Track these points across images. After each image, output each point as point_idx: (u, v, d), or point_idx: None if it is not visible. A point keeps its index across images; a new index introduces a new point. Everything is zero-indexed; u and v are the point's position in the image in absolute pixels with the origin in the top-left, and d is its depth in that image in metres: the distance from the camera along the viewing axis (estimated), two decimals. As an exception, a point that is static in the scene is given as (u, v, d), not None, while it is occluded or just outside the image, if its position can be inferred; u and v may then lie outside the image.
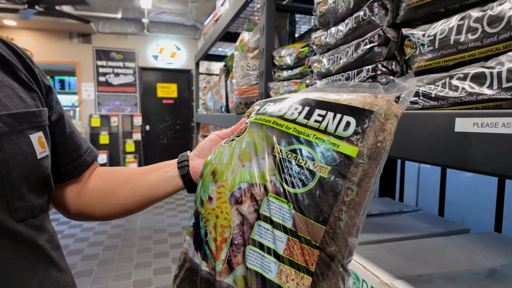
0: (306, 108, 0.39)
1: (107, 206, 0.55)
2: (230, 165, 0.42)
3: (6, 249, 0.40)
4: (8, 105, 0.42)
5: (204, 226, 0.42)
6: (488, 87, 0.36)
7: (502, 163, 0.33)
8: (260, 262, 0.34)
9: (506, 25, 0.35)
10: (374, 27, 0.55)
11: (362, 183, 0.32)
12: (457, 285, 0.53)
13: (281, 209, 0.34)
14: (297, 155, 0.36)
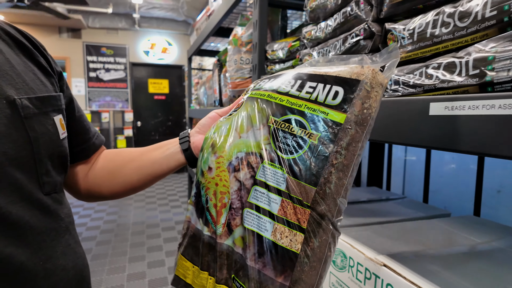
0: (299, 81, 0.43)
1: (114, 184, 0.59)
2: (228, 137, 0.45)
3: (39, 219, 0.43)
4: (34, 89, 0.45)
5: (205, 194, 0.45)
6: (457, 74, 0.40)
7: (469, 141, 0.37)
8: (256, 222, 0.38)
9: (474, 20, 0.39)
10: (360, 21, 0.59)
11: (350, 147, 0.36)
12: (435, 260, 0.58)
13: (275, 174, 0.38)
14: (290, 124, 0.39)
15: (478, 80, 0.37)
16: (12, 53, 0.47)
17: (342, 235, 0.68)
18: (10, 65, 0.44)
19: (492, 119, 0.34)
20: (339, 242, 0.65)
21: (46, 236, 0.44)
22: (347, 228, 0.74)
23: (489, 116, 0.34)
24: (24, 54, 0.49)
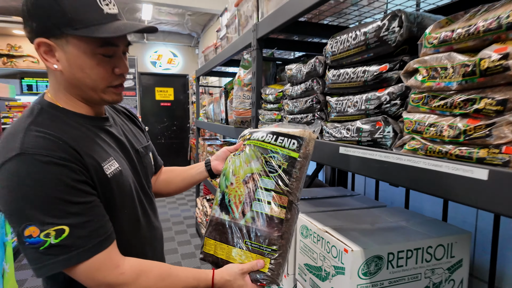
0: (275, 136, 0.85)
1: (169, 188, 1.03)
2: (240, 167, 0.88)
3: (150, 204, 0.86)
4: (141, 142, 0.89)
5: (228, 198, 0.88)
6: (350, 134, 0.83)
7: (353, 165, 0.80)
8: (259, 206, 0.81)
9: (357, 108, 0.82)
10: (314, 92, 1.02)
11: (301, 169, 0.79)
12: (356, 230, 1.00)
13: (267, 182, 0.80)
14: (272, 158, 0.82)
15: (356, 138, 0.81)
16: (129, 122, 0.90)
17: (307, 216, 1.10)
18: (131, 130, 0.88)
19: (358, 158, 0.77)
20: (306, 220, 1.07)
21: (153, 217, 0.87)
22: (312, 213, 1.17)
23: (358, 156, 0.78)
24: (132, 122, 0.92)
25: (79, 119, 0.73)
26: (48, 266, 0.62)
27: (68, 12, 0.64)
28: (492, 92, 0.51)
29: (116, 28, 0.67)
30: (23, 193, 0.60)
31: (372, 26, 0.76)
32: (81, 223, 0.63)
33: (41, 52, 0.67)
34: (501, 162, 0.49)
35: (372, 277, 0.86)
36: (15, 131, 0.65)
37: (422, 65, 0.63)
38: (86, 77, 0.69)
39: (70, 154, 0.64)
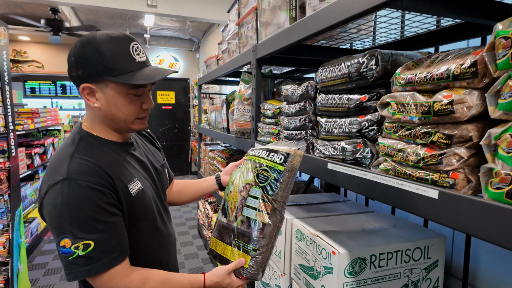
0: (267, 152, 0.98)
1: (182, 198, 1.16)
2: (238, 178, 1.01)
3: (166, 214, 0.99)
4: (158, 160, 1.02)
5: (227, 204, 1.01)
6: (336, 153, 0.96)
7: (338, 179, 0.93)
8: (247, 212, 0.94)
9: (342, 130, 0.95)
10: (306, 112, 1.15)
11: (286, 180, 0.91)
12: (345, 234, 1.13)
13: (256, 191, 0.94)
14: (263, 170, 0.95)
15: (341, 156, 0.94)
16: (148, 143, 1.04)
17: (301, 221, 1.23)
18: (150, 151, 1.01)
19: (343, 174, 0.90)
20: (301, 225, 1.20)
21: (169, 224, 1.00)
22: (306, 218, 1.30)
23: (342, 172, 0.91)
24: (150, 143, 1.06)
25: (110, 145, 0.86)
26: (74, 273, 0.75)
27: (108, 63, 0.78)
28: (443, 128, 0.64)
29: (147, 75, 0.81)
30: (64, 211, 0.73)
31: (354, 62, 0.89)
32: (104, 239, 0.76)
33: (84, 93, 0.82)
34: (448, 184, 0.62)
35: (357, 276, 0.99)
36: (62, 158, 0.79)
37: (393, 100, 0.77)
38: (120, 112, 0.83)
39: (104, 179, 0.78)
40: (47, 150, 3.52)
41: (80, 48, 0.79)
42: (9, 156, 2.22)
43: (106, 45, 0.78)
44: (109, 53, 0.78)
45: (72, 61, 0.80)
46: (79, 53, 0.79)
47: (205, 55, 6.07)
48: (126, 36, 0.83)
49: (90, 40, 0.78)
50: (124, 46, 0.81)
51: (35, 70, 5.79)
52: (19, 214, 2.33)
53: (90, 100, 0.82)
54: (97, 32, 0.81)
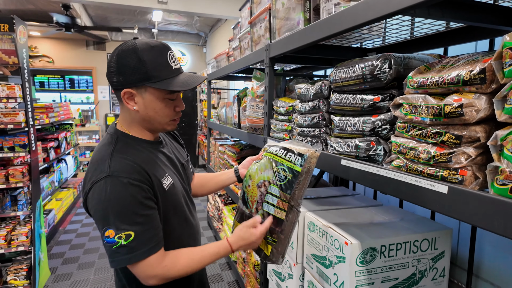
0: (284, 151, 1.04)
1: (203, 190, 1.24)
2: (256, 173, 1.08)
3: (192, 205, 1.06)
4: (184, 156, 1.09)
5: (247, 196, 1.08)
6: (350, 150, 1.02)
7: (351, 174, 1.00)
8: (267, 207, 1.01)
9: (356, 128, 1.01)
10: (320, 111, 1.21)
11: (302, 181, 0.97)
12: (355, 226, 1.20)
13: (275, 189, 1.00)
14: (281, 169, 1.02)
15: (355, 153, 1.00)
16: (174, 141, 1.11)
17: (313, 214, 1.30)
18: (176, 148, 1.08)
19: (356, 170, 0.96)
20: (313, 218, 1.27)
21: (193, 209, 1.07)
22: (318, 211, 1.37)
23: (356, 168, 0.97)
24: (175, 140, 1.13)
25: (144, 144, 0.94)
26: (116, 261, 0.83)
27: (149, 70, 0.85)
28: (452, 129, 0.70)
29: (183, 82, 0.89)
30: (108, 205, 0.80)
31: (368, 64, 0.94)
32: (143, 231, 0.83)
33: (124, 98, 0.88)
34: (457, 180, 0.68)
35: (368, 265, 1.06)
36: (103, 157, 0.86)
37: (405, 101, 0.82)
38: (156, 115, 0.91)
39: (142, 175, 0.85)
40: (60, 143, 3.62)
41: (123, 56, 0.85)
42: (30, 150, 2.31)
43: (147, 54, 0.84)
44: (150, 62, 0.84)
45: (114, 68, 0.86)
46: (121, 61, 0.85)
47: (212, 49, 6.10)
48: (163, 45, 0.89)
49: (132, 50, 0.85)
50: (162, 54, 0.87)
51: (45, 65, 5.88)
52: (39, 205, 2.43)
53: (129, 104, 0.89)
54: (136, 40, 0.87)
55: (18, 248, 2.24)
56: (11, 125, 2.26)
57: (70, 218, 4.17)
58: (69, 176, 4.26)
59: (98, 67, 6.01)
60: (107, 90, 6.12)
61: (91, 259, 3.08)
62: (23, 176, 2.25)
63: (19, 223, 2.39)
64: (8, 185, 2.24)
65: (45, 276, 2.55)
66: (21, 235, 2.25)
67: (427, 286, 1.17)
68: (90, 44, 5.93)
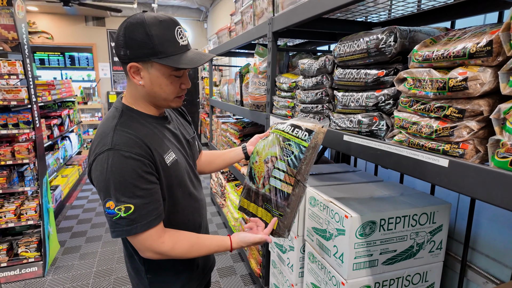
0: (292, 127, 1.04)
1: (211, 167, 1.26)
2: (263, 149, 1.09)
3: (197, 181, 1.08)
4: (189, 133, 1.09)
5: (254, 172, 1.10)
6: (353, 125, 1.03)
7: (353, 150, 1.01)
8: (274, 182, 1.02)
9: (359, 104, 1.01)
10: (323, 86, 1.20)
11: (309, 156, 0.99)
12: (355, 200, 1.22)
13: (282, 164, 1.02)
14: (288, 145, 1.03)
15: (357, 129, 1.00)
16: (180, 117, 1.11)
17: (314, 189, 1.32)
18: (182, 124, 1.08)
19: (358, 145, 0.97)
20: (314, 192, 1.29)
21: (198, 185, 1.09)
22: (319, 186, 1.39)
23: (358, 143, 0.97)
24: (182, 116, 1.13)
25: (149, 119, 0.94)
26: (116, 232, 0.85)
27: (156, 45, 0.83)
28: (456, 103, 0.70)
29: (191, 59, 0.87)
30: (109, 177, 0.82)
31: (373, 38, 0.93)
32: (143, 204, 0.85)
33: (130, 72, 0.88)
34: (458, 154, 0.69)
35: (367, 237, 1.09)
36: (107, 130, 0.87)
37: (409, 76, 0.81)
38: (162, 92, 0.90)
39: (144, 150, 0.85)
40: (64, 121, 3.63)
41: (130, 29, 0.83)
42: (34, 127, 2.33)
43: (155, 29, 0.83)
44: (157, 37, 0.83)
45: (121, 41, 0.85)
46: (129, 34, 0.83)
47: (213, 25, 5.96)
48: (172, 20, 0.87)
49: (140, 23, 0.83)
50: (170, 30, 0.85)
51: (44, 42, 5.79)
52: (46, 181, 2.47)
53: (135, 78, 0.88)
54: (145, 14, 0.86)
55: (27, 222, 2.31)
56: (14, 101, 2.26)
57: (76, 194, 4.26)
58: (73, 153, 4.31)
59: (98, 43, 5.91)
60: (108, 67, 6.05)
61: (99, 233, 3.18)
62: (28, 152, 2.28)
63: (27, 198, 2.45)
64: (14, 161, 2.27)
65: (54, 249, 2.65)
66: (29, 209, 2.31)
67: (424, 258, 1.20)
68: (89, 20, 5.80)
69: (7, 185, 2.31)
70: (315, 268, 1.31)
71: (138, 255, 0.97)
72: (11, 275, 2.33)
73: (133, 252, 0.99)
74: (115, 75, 6.12)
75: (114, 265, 2.62)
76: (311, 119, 1.05)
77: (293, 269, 1.48)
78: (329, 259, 1.19)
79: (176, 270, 1.03)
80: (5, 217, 2.28)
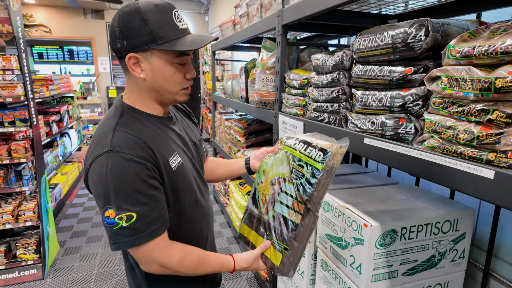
0: (304, 145, 0.91)
1: (212, 177, 1.17)
2: (270, 168, 0.98)
3: (203, 184, 0.99)
4: (196, 135, 1.01)
5: (258, 194, 0.99)
6: (375, 127, 0.94)
7: (374, 154, 0.92)
8: (280, 208, 0.92)
9: (382, 104, 0.92)
10: (340, 84, 1.11)
11: (322, 180, 0.85)
12: (375, 207, 1.14)
13: (290, 188, 0.91)
14: (298, 166, 0.91)
15: (380, 131, 0.91)
16: (186, 118, 1.02)
17: (328, 193, 1.24)
18: (188, 126, 1.00)
19: (382, 149, 0.89)
20: (328, 197, 1.21)
21: (205, 191, 1.01)
22: (332, 190, 1.31)
23: (381, 148, 0.89)
24: (188, 118, 1.04)
25: (152, 119, 0.86)
26: (117, 243, 0.77)
27: (154, 31, 0.75)
28: (503, 106, 0.61)
29: (191, 41, 0.79)
30: (108, 183, 0.74)
31: (400, 31, 0.84)
32: (146, 212, 0.77)
33: (130, 64, 0.79)
34: (506, 165, 0.61)
35: (387, 247, 1.01)
36: (106, 130, 0.79)
37: (444, 74, 0.73)
38: (166, 83, 0.82)
39: (146, 152, 0.77)
40: (63, 117, 3.54)
41: (125, 18, 0.76)
42: (31, 124, 2.24)
43: (151, 14, 0.76)
44: (155, 21, 0.76)
45: (117, 32, 0.77)
46: (124, 23, 0.76)
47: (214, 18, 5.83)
48: (168, 3, 0.80)
49: (135, 10, 0.75)
50: (168, 13, 0.78)
51: (42, 35, 5.67)
52: (44, 180, 2.40)
53: (135, 71, 0.80)
54: (138, 1, 0.78)
55: (26, 223, 2.24)
56: (9, 98, 2.18)
57: (76, 192, 4.19)
58: (73, 150, 4.23)
59: (97, 37, 5.79)
60: (107, 61, 5.93)
61: (100, 232, 3.11)
62: (26, 151, 2.20)
63: (25, 198, 2.38)
64: (11, 161, 2.19)
65: (54, 250, 2.58)
66: (28, 210, 2.24)
67: (446, 267, 1.13)
68: (88, 13, 5.67)
69: (4, 185, 2.23)
70: (329, 277, 1.24)
71: (139, 267, 0.90)
72: (9, 277, 2.27)
73: (134, 264, 0.92)
74: (115, 70, 6.01)
75: (116, 267, 2.56)
76: (327, 137, 0.91)
77: (303, 276, 1.41)
78: (345, 269, 1.12)
79: (181, 285, 0.95)
80: (2, 218, 2.21)
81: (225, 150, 2.94)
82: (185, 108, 1.10)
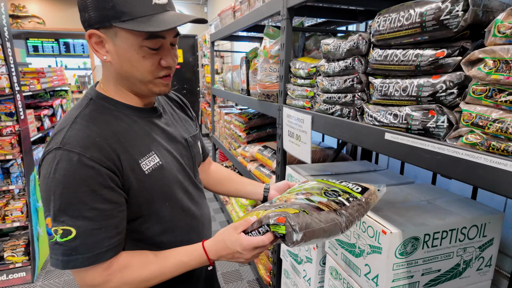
0: (338, 180, 0.87)
1: (220, 189, 1.05)
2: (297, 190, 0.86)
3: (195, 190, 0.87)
4: (190, 131, 0.88)
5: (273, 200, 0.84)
6: (398, 121, 0.81)
7: (395, 151, 0.80)
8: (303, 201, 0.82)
9: (407, 93, 0.79)
10: (355, 71, 0.98)
11: (357, 208, 0.75)
12: (393, 211, 1.02)
13: (319, 198, 0.81)
14: (333, 191, 0.81)
15: (405, 125, 0.79)
16: (179, 110, 0.89)
17: (339, 195, 1.12)
18: (180, 119, 0.87)
19: (407, 146, 0.77)
20: (337, 199, 1.09)
21: (198, 197, 0.89)
22: (343, 191, 1.19)
23: (407, 144, 0.77)
24: (182, 110, 0.91)
25: (127, 110, 0.73)
26: (52, 260, 0.64)
27: (117, 3, 0.62)
28: None
29: (163, 21, 0.64)
30: (50, 186, 0.62)
31: (431, 7, 0.71)
32: (89, 229, 0.63)
33: (91, 42, 0.67)
34: None
35: (408, 256, 0.90)
36: (65, 123, 0.67)
37: (489, 56, 0.60)
38: (134, 70, 0.69)
39: (105, 153, 0.64)
40: (56, 111, 3.41)
41: None
42: (18, 119, 2.11)
43: None
44: None
45: (80, 3, 0.66)
46: None
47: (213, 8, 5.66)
48: None
49: None
50: None
51: (36, 27, 5.50)
52: (33, 178, 2.28)
53: (98, 52, 0.68)
54: None
55: (13, 224, 2.12)
56: (-6, 91, 2.05)
57: (71, 188, 4.07)
58: (68, 145, 4.09)
59: (92, 29, 5.63)
60: (103, 54, 5.79)
61: (94, 230, 3.00)
62: (12, 147, 2.07)
63: (13, 197, 2.26)
64: (-3, 157, 2.07)
65: (45, 251, 2.47)
66: (15, 210, 2.11)
67: (471, 277, 1.01)
68: (82, 4, 5.49)
69: (-10, 183, 2.11)
70: (339, 286, 1.12)
71: None
72: (-2, 279, 2.16)
73: None
74: (111, 63, 5.88)
75: (111, 267, 2.45)
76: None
77: (310, 283, 1.30)
78: (359, 279, 1.00)
79: None
80: (-11, 218, 2.09)
81: (224, 146, 2.81)
82: (180, 99, 0.97)
